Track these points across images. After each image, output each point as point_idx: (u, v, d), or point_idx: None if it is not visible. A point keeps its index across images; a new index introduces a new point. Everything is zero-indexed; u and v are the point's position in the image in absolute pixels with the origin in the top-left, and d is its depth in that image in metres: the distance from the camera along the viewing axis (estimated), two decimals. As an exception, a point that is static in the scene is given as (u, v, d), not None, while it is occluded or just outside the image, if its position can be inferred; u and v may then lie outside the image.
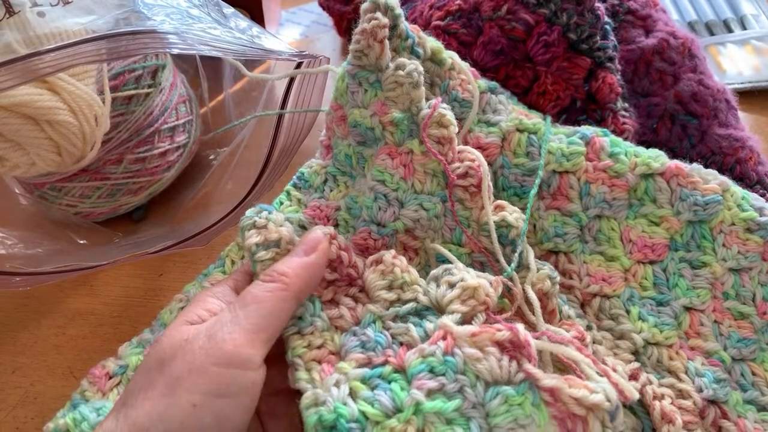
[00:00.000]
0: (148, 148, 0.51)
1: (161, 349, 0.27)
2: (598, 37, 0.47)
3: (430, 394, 0.26)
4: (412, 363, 0.27)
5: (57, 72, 0.37)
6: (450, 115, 0.38)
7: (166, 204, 0.56)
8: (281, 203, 0.43)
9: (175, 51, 0.38)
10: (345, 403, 0.26)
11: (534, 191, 0.40)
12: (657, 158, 0.40)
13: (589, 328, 0.38)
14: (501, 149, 0.42)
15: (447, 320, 0.28)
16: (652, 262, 0.39)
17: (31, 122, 0.43)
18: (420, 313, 0.31)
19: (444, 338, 0.27)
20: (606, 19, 0.47)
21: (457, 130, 0.39)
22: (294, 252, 0.31)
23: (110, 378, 0.36)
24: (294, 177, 0.45)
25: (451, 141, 0.38)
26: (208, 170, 0.57)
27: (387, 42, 0.39)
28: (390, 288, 0.31)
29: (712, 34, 0.67)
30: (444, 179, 0.38)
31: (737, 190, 0.39)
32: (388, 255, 0.32)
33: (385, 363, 0.28)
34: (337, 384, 0.27)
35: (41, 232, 0.51)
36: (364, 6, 0.39)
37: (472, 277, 0.31)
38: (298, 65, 0.47)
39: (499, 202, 0.39)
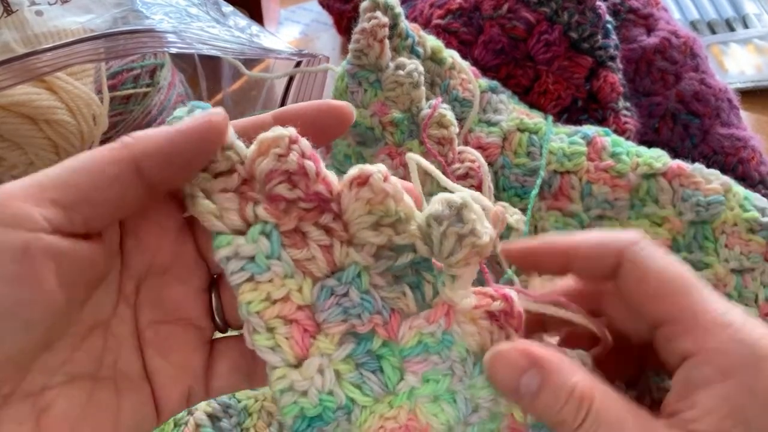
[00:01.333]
0: (146, 148, 0.51)
1: None
2: (600, 36, 0.46)
3: (424, 376, 0.24)
4: (408, 342, 0.23)
5: (55, 71, 0.37)
6: (450, 116, 0.38)
7: (164, 204, 0.56)
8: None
9: (174, 50, 0.38)
10: (331, 392, 0.22)
11: (535, 192, 0.40)
12: (659, 158, 0.40)
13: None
14: (502, 149, 0.42)
15: (453, 295, 0.23)
16: (654, 264, 0.39)
17: (29, 122, 0.43)
18: (419, 265, 0.24)
19: (447, 315, 0.23)
20: (607, 17, 0.47)
21: (457, 130, 0.38)
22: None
23: None
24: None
25: (451, 141, 0.38)
26: (207, 170, 0.57)
27: (387, 41, 0.39)
28: (378, 226, 0.23)
29: (714, 33, 0.66)
30: None
31: (739, 190, 0.39)
32: (378, 174, 0.22)
33: (372, 331, 0.24)
34: (320, 370, 0.23)
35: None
36: (363, 5, 0.39)
37: (482, 225, 0.23)
38: (298, 64, 0.47)
39: (499, 203, 0.38)
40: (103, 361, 0.23)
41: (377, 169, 0.22)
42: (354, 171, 0.23)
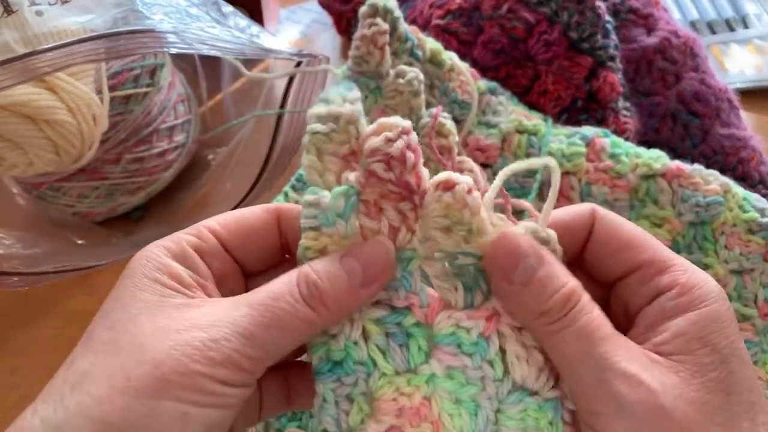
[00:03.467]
0: (146, 148, 0.51)
1: (139, 331, 0.22)
2: (599, 36, 0.46)
3: (450, 369, 0.24)
4: (442, 329, 0.24)
5: (55, 71, 0.37)
6: (450, 125, 0.38)
7: (164, 204, 0.56)
8: (278, 204, 0.43)
9: (174, 50, 0.38)
10: (356, 343, 0.24)
11: (533, 196, 0.40)
12: (658, 159, 0.40)
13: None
14: (501, 151, 0.42)
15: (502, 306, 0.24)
16: (654, 265, 0.39)
17: (29, 122, 0.43)
18: (478, 273, 0.25)
19: (488, 319, 0.24)
20: (607, 17, 0.47)
21: (457, 139, 0.38)
22: (350, 267, 0.24)
23: None
24: (292, 178, 0.45)
25: (450, 150, 0.38)
26: (206, 170, 0.57)
27: (387, 48, 0.39)
28: (449, 231, 0.25)
29: (714, 33, 0.66)
30: None
31: (739, 191, 0.39)
32: (464, 185, 0.24)
33: (408, 309, 0.25)
34: (351, 320, 0.25)
35: (39, 232, 0.51)
36: (362, 10, 0.39)
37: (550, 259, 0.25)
38: (298, 64, 0.47)
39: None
40: None
41: (465, 181, 0.24)
42: (444, 176, 0.25)
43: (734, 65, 0.63)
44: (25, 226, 0.51)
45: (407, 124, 0.25)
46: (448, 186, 0.24)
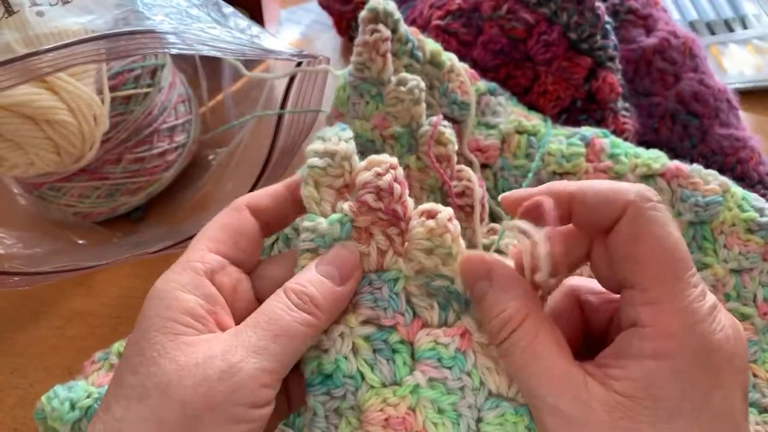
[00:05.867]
0: (146, 148, 0.51)
1: (162, 373, 0.23)
2: (599, 37, 0.46)
3: (432, 381, 0.26)
4: (423, 345, 0.27)
5: (56, 72, 0.37)
6: (449, 133, 0.38)
7: (165, 204, 0.56)
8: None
9: (174, 51, 0.38)
10: (346, 357, 0.26)
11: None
12: (657, 159, 0.40)
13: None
14: (501, 151, 0.42)
15: (471, 321, 0.27)
16: (653, 264, 0.39)
17: (30, 122, 0.43)
18: (450, 294, 0.28)
19: (462, 335, 0.27)
20: (606, 18, 0.47)
21: (456, 148, 0.39)
22: (326, 272, 0.27)
23: (93, 364, 0.38)
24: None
25: (449, 159, 0.38)
26: (207, 170, 0.57)
27: (389, 56, 0.39)
28: (431, 253, 0.27)
29: (713, 33, 0.66)
30: (441, 197, 0.39)
31: (738, 190, 0.39)
32: (445, 213, 0.27)
33: (393, 327, 0.27)
34: (341, 336, 0.27)
35: (40, 232, 0.51)
36: (363, 15, 0.39)
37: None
38: (298, 65, 0.47)
39: (492, 225, 0.39)
40: None
41: (446, 210, 0.27)
42: (428, 206, 0.28)
43: (733, 65, 0.63)
44: (26, 226, 0.51)
45: (394, 160, 0.28)
46: (432, 214, 0.27)
